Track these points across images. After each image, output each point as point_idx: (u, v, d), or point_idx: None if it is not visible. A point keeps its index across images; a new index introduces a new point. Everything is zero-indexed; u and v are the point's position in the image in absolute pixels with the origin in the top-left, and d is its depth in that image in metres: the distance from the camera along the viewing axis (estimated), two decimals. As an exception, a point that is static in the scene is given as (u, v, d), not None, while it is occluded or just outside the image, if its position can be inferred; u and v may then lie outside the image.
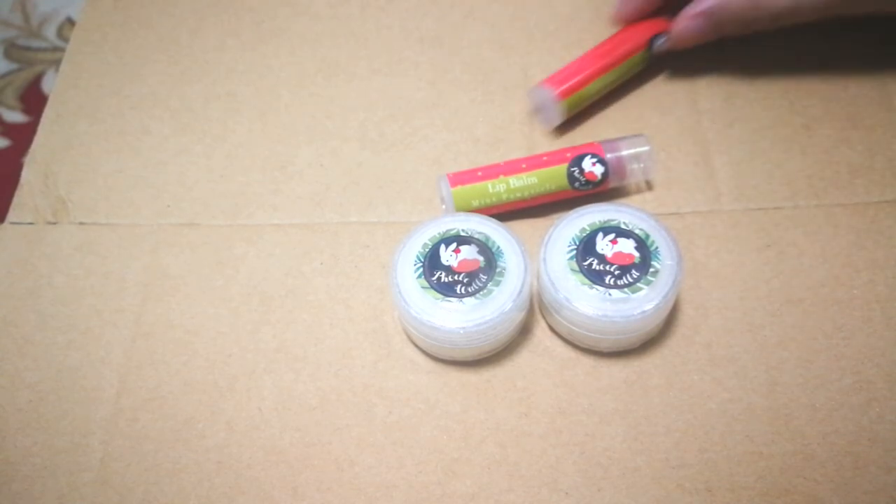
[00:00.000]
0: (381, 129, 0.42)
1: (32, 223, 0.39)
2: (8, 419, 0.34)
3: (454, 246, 0.33)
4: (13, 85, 0.81)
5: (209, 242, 0.38)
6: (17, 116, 0.79)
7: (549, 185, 0.37)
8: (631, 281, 0.32)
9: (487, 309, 0.32)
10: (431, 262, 0.33)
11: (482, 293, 0.32)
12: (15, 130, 0.78)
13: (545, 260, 0.33)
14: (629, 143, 0.38)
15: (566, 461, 0.32)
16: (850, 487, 0.31)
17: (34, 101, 0.80)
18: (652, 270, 0.32)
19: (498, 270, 0.33)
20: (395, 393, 0.34)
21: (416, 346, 0.35)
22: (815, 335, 0.34)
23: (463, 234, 0.34)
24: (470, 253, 0.33)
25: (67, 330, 0.36)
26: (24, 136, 0.77)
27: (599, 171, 0.37)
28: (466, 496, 0.31)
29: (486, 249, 0.33)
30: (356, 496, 0.32)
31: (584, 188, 0.37)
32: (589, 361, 0.34)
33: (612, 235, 0.33)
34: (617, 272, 0.32)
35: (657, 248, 0.33)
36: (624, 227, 0.34)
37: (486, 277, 0.33)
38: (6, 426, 0.34)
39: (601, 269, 0.32)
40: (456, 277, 0.33)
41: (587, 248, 0.33)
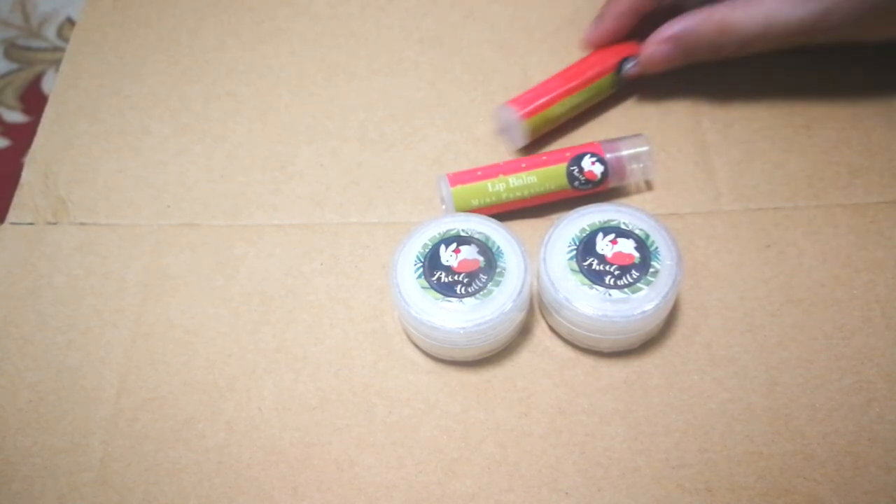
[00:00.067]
0: (381, 129, 0.42)
1: (32, 223, 0.39)
2: (8, 419, 0.34)
3: (454, 246, 0.33)
4: (13, 85, 0.81)
5: (209, 242, 0.38)
6: (17, 116, 0.79)
7: (548, 184, 0.37)
8: (631, 281, 0.32)
9: (487, 309, 0.32)
10: (431, 262, 0.33)
11: (482, 293, 0.32)
12: (15, 130, 0.78)
13: (545, 260, 0.33)
14: (629, 142, 0.38)
15: (566, 461, 0.32)
16: (850, 487, 0.31)
17: (34, 101, 0.80)
18: (652, 271, 0.32)
19: (498, 270, 0.33)
20: (395, 393, 0.34)
21: (416, 346, 0.35)
22: (815, 335, 0.34)
23: (463, 234, 0.34)
24: (470, 253, 0.33)
25: (67, 330, 0.36)
26: (24, 136, 0.77)
27: (599, 170, 0.37)
28: (466, 496, 0.31)
29: (486, 249, 0.33)
30: (356, 496, 0.32)
31: (583, 187, 0.37)
32: (589, 361, 0.34)
33: (612, 236, 0.33)
34: (617, 272, 0.32)
35: (657, 248, 0.33)
36: (624, 227, 0.34)
37: (486, 277, 0.33)
38: (6, 426, 0.34)
39: (601, 269, 0.32)
40: (456, 277, 0.33)
41: (587, 248, 0.33)
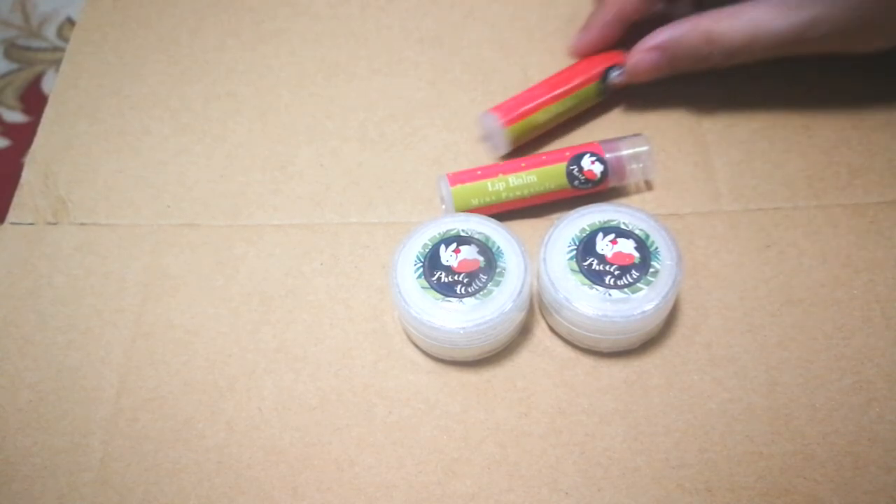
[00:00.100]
0: (381, 129, 0.42)
1: (32, 223, 0.39)
2: (8, 419, 0.34)
3: (454, 246, 0.33)
4: (13, 85, 0.81)
5: (209, 242, 0.38)
6: (17, 116, 0.79)
7: (548, 183, 0.37)
8: (631, 281, 0.32)
9: (487, 309, 0.32)
10: (431, 262, 0.33)
11: (482, 293, 0.32)
12: (15, 130, 0.78)
13: (545, 260, 0.33)
14: (629, 142, 0.38)
15: (566, 461, 0.32)
16: (850, 487, 0.31)
17: (34, 101, 0.80)
18: (652, 271, 0.32)
19: (498, 270, 0.33)
20: (395, 393, 0.34)
21: (416, 346, 0.35)
22: (815, 335, 0.34)
23: (463, 234, 0.34)
24: (470, 253, 0.33)
25: (67, 330, 0.36)
26: (24, 136, 0.77)
27: (599, 169, 0.37)
28: (466, 496, 0.31)
29: (486, 249, 0.33)
30: (356, 496, 0.32)
31: (583, 187, 0.37)
32: (589, 361, 0.34)
33: (612, 236, 0.33)
34: (617, 272, 0.32)
35: (657, 248, 0.33)
36: (624, 227, 0.34)
37: (486, 277, 0.33)
38: (6, 426, 0.34)
39: (601, 269, 0.32)
40: (456, 277, 0.33)
41: (587, 248, 0.33)
